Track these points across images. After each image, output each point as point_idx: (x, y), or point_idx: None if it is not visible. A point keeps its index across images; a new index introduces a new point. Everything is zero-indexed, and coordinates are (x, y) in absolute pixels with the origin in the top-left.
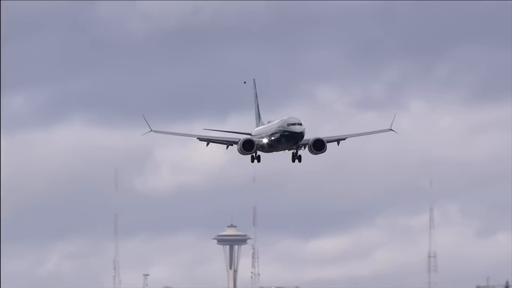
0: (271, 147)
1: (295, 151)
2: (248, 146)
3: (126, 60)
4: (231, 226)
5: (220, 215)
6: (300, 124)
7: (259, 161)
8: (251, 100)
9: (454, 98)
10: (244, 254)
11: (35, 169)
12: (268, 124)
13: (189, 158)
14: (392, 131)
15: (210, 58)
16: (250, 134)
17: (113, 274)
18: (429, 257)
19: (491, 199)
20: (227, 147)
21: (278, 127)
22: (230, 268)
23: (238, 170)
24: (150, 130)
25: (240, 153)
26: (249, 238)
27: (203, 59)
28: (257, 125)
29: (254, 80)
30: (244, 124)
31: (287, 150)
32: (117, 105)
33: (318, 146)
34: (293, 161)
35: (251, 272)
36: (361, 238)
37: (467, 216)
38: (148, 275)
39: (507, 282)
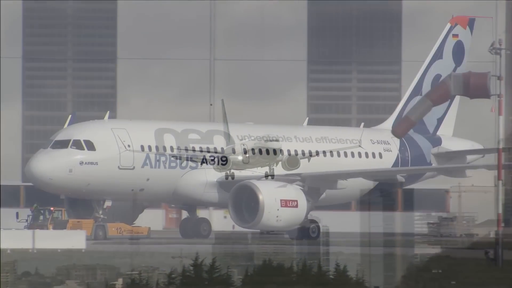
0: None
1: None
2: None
3: None
4: None
5: None
6: (277, 141)
7: (233, 178)
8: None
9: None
10: None
11: None
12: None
13: None
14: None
15: None
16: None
17: None
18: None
19: None
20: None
21: (254, 144)
22: None
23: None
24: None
25: (216, 170)
26: None
27: None
28: (227, 144)
29: (222, 100)
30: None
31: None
32: None
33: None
34: (266, 177)
35: None
36: None
37: None
38: None
39: None
